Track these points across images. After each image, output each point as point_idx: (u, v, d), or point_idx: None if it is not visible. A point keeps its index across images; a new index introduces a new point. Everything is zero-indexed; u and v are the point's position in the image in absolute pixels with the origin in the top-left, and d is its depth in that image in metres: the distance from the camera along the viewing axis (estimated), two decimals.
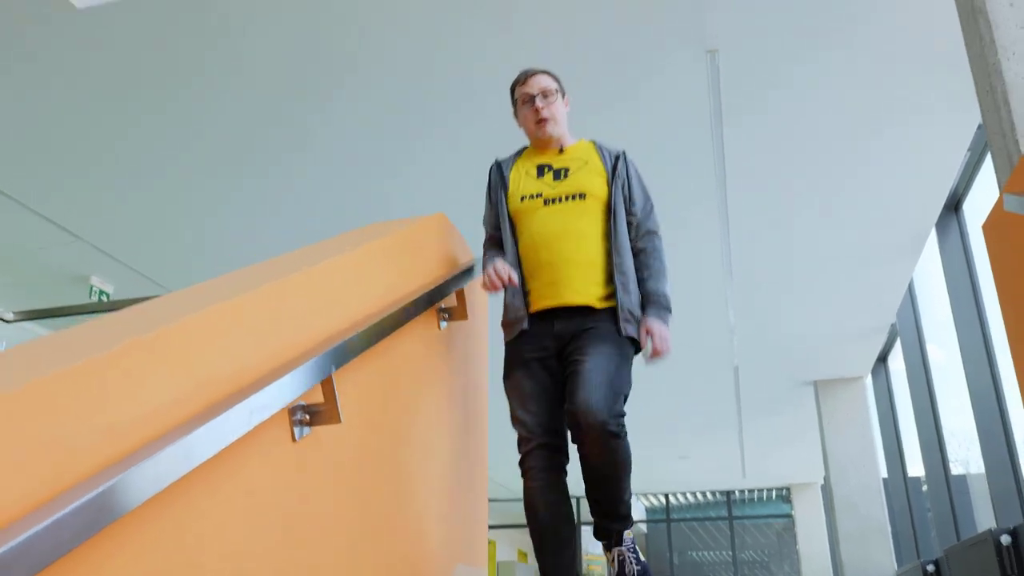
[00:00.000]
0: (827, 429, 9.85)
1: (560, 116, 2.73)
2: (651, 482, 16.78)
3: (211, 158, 5.34)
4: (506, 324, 2.65)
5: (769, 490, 17.98)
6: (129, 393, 1.10)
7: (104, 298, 6.88)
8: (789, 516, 17.57)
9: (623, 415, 2.34)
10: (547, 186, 2.66)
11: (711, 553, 18.72)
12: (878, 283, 7.14)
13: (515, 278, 2.54)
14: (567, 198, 2.61)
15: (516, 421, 2.52)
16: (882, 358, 9.42)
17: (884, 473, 9.77)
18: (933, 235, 6.33)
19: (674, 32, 4.11)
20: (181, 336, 1.24)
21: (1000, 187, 2.72)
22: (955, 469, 7.29)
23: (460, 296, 2.81)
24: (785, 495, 17.69)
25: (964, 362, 5.97)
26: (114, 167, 5.42)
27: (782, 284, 7.15)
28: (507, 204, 2.71)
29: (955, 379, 6.42)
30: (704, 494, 18.35)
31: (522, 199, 2.67)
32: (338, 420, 1.71)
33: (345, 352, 1.78)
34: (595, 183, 2.64)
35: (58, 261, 6.57)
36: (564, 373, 2.48)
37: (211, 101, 4.75)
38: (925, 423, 7.66)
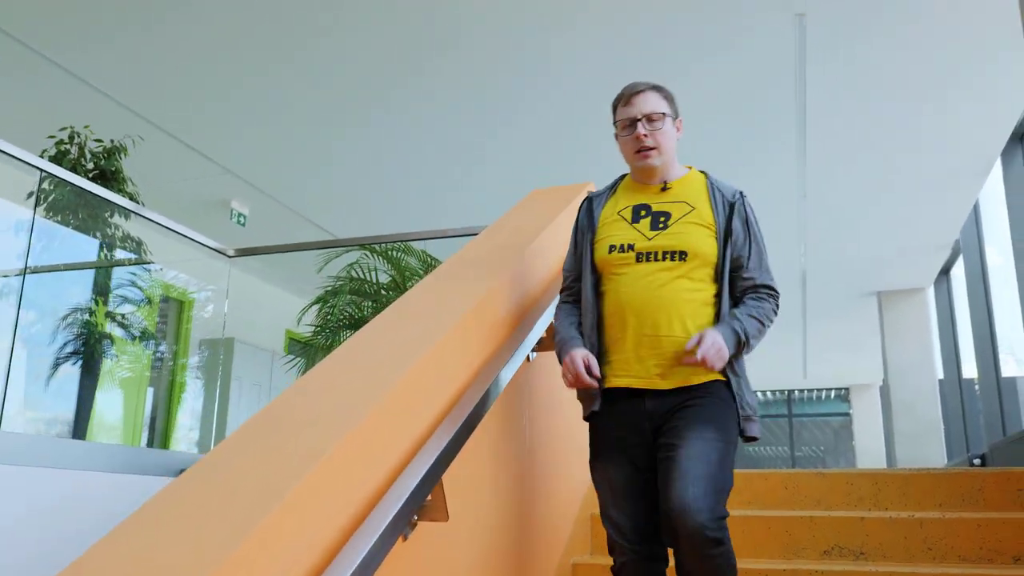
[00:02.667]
0: (888, 336, 10.51)
1: (668, 145, 2.22)
2: None
3: (341, 100, 6.07)
4: (580, 399, 2.26)
5: (828, 390, 18.75)
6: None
7: (242, 220, 7.85)
8: (847, 415, 18.38)
9: (725, 516, 1.94)
10: (642, 236, 2.17)
11: (770, 448, 19.72)
12: (944, 204, 7.66)
13: (596, 375, 2.12)
14: (664, 256, 2.12)
15: (607, 519, 2.12)
16: (945, 271, 9.94)
17: (940, 375, 10.45)
18: (999, 162, 6.82)
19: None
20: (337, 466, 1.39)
21: None
22: (1006, 371, 7.94)
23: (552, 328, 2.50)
24: (844, 395, 18.46)
25: (1018, 276, 6.56)
26: (256, 106, 6.18)
27: (853, 205, 7.72)
28: (593, 252, 2.24)
29: (1011, 291, 7.00)
30: (765, 393, 19.22)
31: (610, 249, 2.19)
32: (446, 518, 1.65)
33: (453, 451, 1.72)
34: (701, 239, 2.14)
35: (206, 189, 7.52)
36: (657, 457, 2.07)
37: (345, 49, 5.42)
38: (980, 329, 8.27)
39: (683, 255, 2.13)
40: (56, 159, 4.41)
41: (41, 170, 3.45)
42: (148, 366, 5.10)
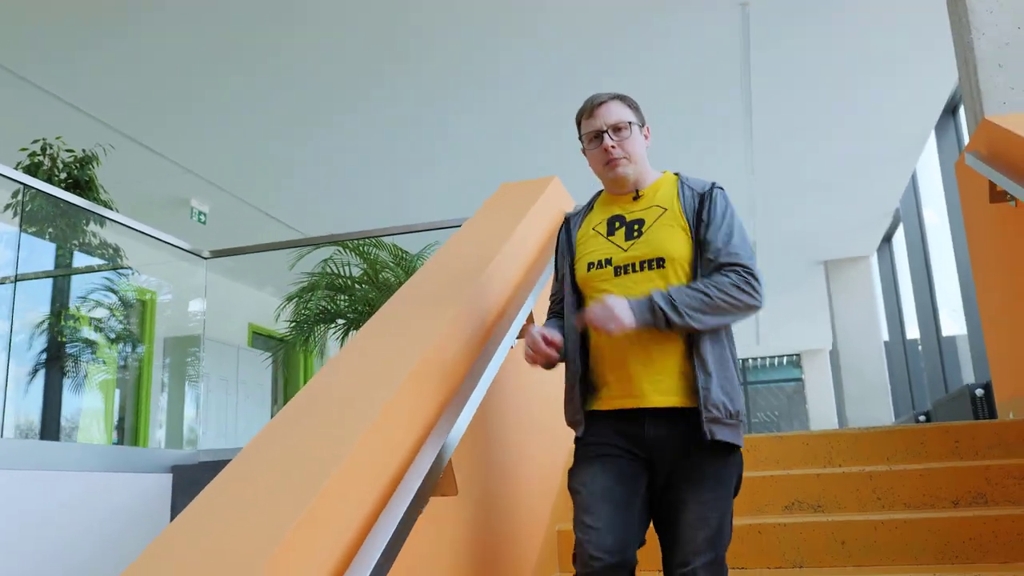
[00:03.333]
0: (835, 303, 10.99)
1: (637, 153, 2.11)
2: None
3: (301, 101, 6.17)
4: (568, 422, 2.14)
5: (781, 357, 19.37)
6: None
7: (202, 218, 7.88)
8: (799, 380, 19.02)
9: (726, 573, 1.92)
10: (618, 248, 2.06)
11: None
12: (884, 176, 8.04)
13: (558, 340, 2.05)
14: (642, 265, 2.01)
15: (579, 527, 1.91)
16: (887, 238, 10.40)
17: (886, 337, 10.97)
18: (933, 135, 7.20)
19: None
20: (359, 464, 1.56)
21: (970, 136, 3.64)
22: (946, 331, 8.40)
23: None
24: (796, 361, 19.10)
25: (953, 240, 6.96)
26: (215, 108, 6.25)
27: (798, 180, 8.06)
28: (573, 273, 2.14)
29: (948, 254, 7.42)
30: None
31: (589, 267, 2.08)
32: (455, 492, 1.84)
33: (460, 435, 1.93)
34: (676, 241, 2.01)
35: (166, 188, 7.53)
36: (657, 501, 1.97)
37: (305, 54, 5.53)
38: (921, 291, 8.72)
39: (660, 262, 1.99)
40: (30, 171, 4.45)
41: (22, 184, 3.51)
42: (126, 367, 5.18)
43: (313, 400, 1.82)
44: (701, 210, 2.04)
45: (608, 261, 2.06)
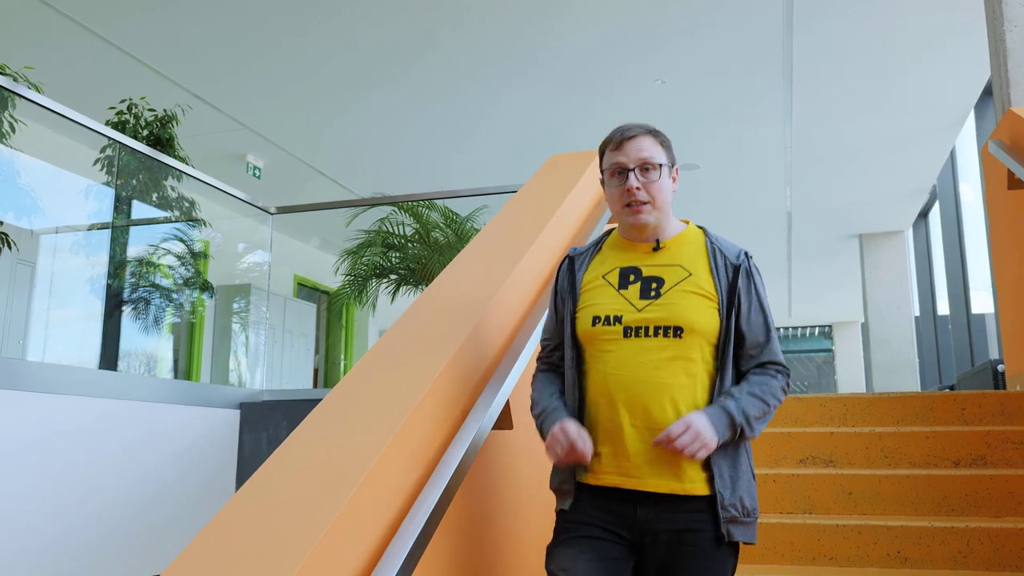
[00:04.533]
0: (868, 276, 11.11)
1: (663, 199, 1.88)
2: None
3: (358, 63, 6.44)
4: (552, 488, 1.92)
5: (813, 327, 19.49)
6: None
7: (257, 173, 8.25)
8: (830, 351, 19.14)
9: None
10: (631, 306, 1.83)
11: None
12: (923, 153, 8.14)
13: (588, 453, 1.75)
14: (656, 331, 1.79)
15: None
16: (923, 214, 10.48)
17: (917, 312, 11.08)
18: (972, 114, 7.29)
19: None
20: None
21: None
22: (975, 308, 8.53)
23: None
24: (827, 332, 19.20)
25: (986, 219, 7.10)
26: (274, 67, 6.55)
27: (837, 154, 8.19)
28: (574, 323, 1.90)
29: (982, 233, 7.55)
30: None
31: (595, 321, 1.85)
32: (511, 426, 2.14)
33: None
34: (700, 312, 1.80)
35: (223, 143, 7.90)
36: None
37: (365, 16, 5.79)
38: (953, 269, 8.84)
39: (678, 331, 1.77)
40: (116, 128, 4.81)
41: (118, 143, 3.88)
42: (193, 312, 5.58)
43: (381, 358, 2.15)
44: (735, 286, 1.82)
45: (618, 319, 1.82)
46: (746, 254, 1.88)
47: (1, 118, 3.58)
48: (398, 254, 5.22)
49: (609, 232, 2.04)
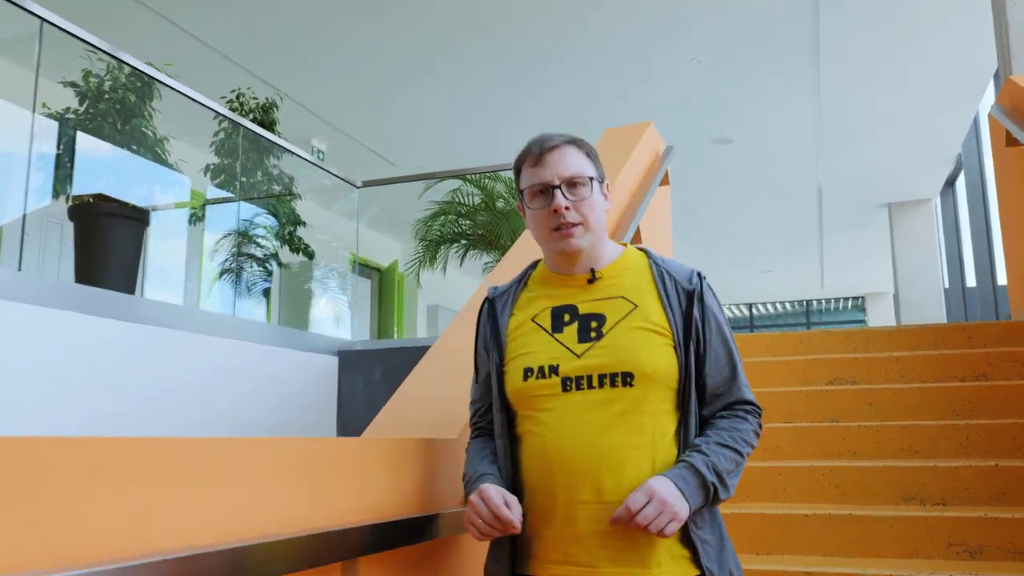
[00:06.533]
0: (898, 246, 11.52)
1: (596, 220, 1.56)
2: (737, 295, 18.86)
3: (411, 51, 7.08)
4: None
5: (845, 299, 19.86)
6: None
7: (320, 155, 8.93)
8: (863, 323, 19.51)
9: None
10: (568, 352, 1.51)
11: None
12: (945, 121, 8.60)
13: (517, 523, 1.42)
14: (602, 380, 1.46)
15: None
16: (950, 182, 10.87)
17: (947, 284, 11.46)
18: (992, 85, 7.74)
19: None
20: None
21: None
22: (1001, 280, 8.93)
23: None
24: (860, 304, 19.56)
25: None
26: (337, 57, 7.22)
27: (864, 124, 8.67)
28: (502, 380, 1.57)
29: None
30: (784, 304, 20.34)
31: (526, 374, 1.51)
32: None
33: None
34: (653, 351, 1.48)
35: (292, 128, 8.58)
36: None
37: (417, 8, 6.42)
38: (979, 240, 9.25)
39: (628, 378, 1.45)
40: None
41: (241, 126, 4.58)
42: (289, 274, 6.25)
43: None
44: (691, 316, 1.51)
45: (554, 369, 1.48)
46: (699, 275, 1.56)
47: (149, 109, 4.25)
48: (468, 222, 5.86)
49: (534, 265, 1.69)
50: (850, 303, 19.97)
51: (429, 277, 6.47)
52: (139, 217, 4.33)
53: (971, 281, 10.41)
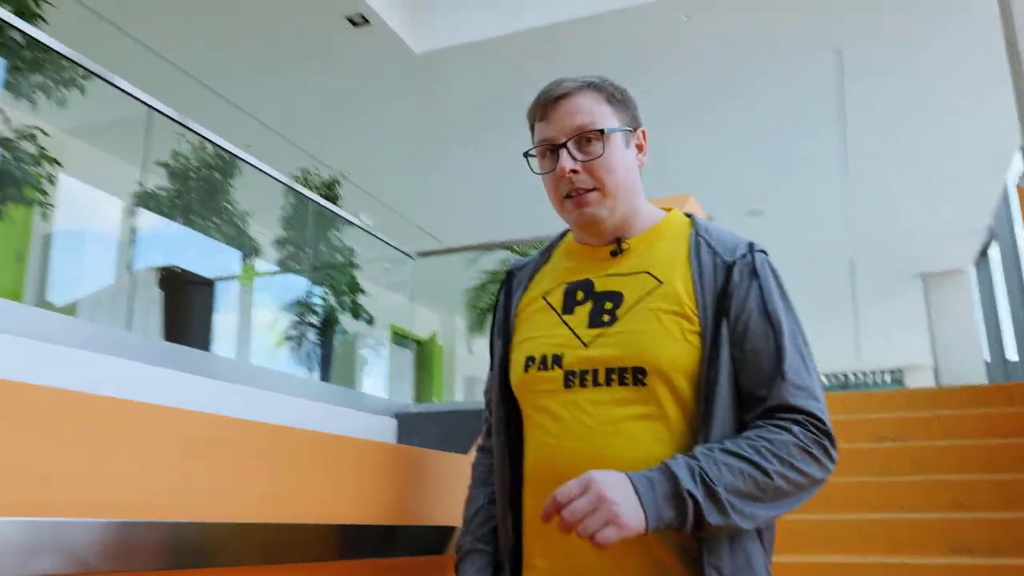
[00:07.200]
0: (934, 316, 11.45)
1: (617, 180, 1.27)
2: None
3: (453, 129, 7.49)
4: None
5: (882, 372, 19.69)
6: None
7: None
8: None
9: None
10: (575, 340, 1.24)
11: None
12: (974, 192, 8.81)
13: None
14: (609, 378, 1.19)
15: None
16: (983, 252, 10.96)
17: (987, 356, 11.29)
18: (1019, 155, 7.98)
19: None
20: None
21: None
22: None
23: None
24: (898, 376, 19.37)
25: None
26: (382, 138, 7.66)
27: (892, 194, 8.91)
28: (505, 368, 1.32)
29: None
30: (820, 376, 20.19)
31: (527, 364, 1.26)
32: None
33: None
34: (668, 340, 1.19)
35: (344, 203, 9.05)
36: None
37: (454, 88, 6.83)
38: (1018, 311, 9.25)
39: (640, 374, 1.17)
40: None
41: (313, 200, 4.99)
42: (343, 341, 6.57)
43: None
44: (728, 294, 1.20)
45: (558, 360, 1.23)
46: (751, 246, 1.26)
47: (230, 185, 4.65)
48: None
49: (563, 234, 1.44)
50: (888, 376, 19.79)
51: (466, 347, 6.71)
52: (212, 284, 4.67)
53: (1012, 354, 10.26)
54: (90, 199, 5.24)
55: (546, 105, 1.28)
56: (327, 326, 5.53)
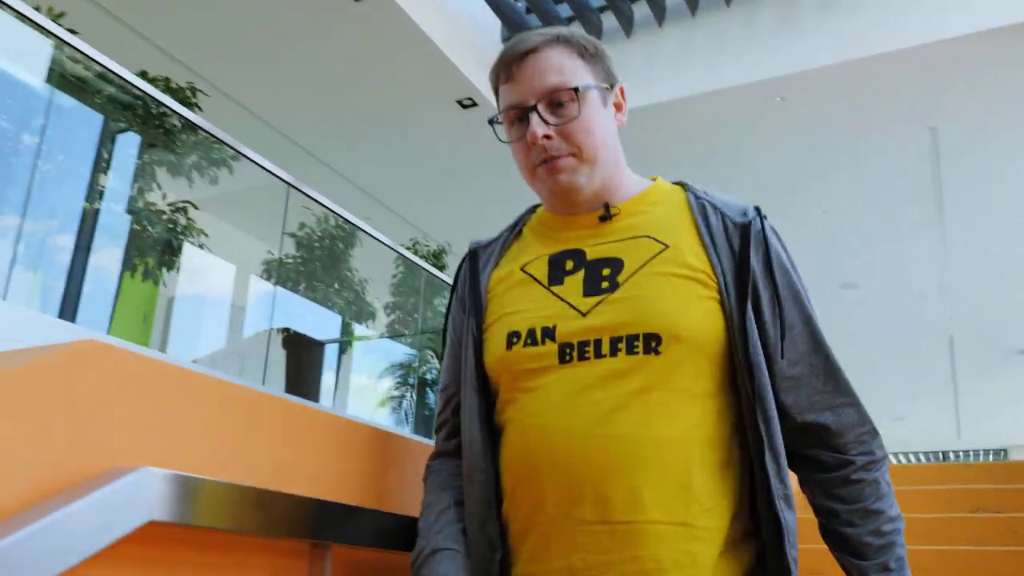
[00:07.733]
0: None
1: (595, 143, 1.12)
2: None
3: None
4: None
5: (985, 451, 18.77)
6: None
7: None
8: None
9: None
10: (570, 309, 1.08)
11: None
12: None
13: None
14: (615, 346, 1.03)
15: None
16: None
17: None
18: None
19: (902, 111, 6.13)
20: None
21: None
22: None
23: None
24: (1002, 457, 18.44)
25: None
26: (483, 212, 8.05)
27: (991, 268, 8.79)
28: (479, 350, 1.13)
29: None
30: (918, 455, 19.38)
31: (510, 341, 1.09)
32: None
33: None
34: (690, 304, 1.05)
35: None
36: None
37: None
38: None
39: (653, 341, 1.02)
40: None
41: (427, 271, 5.49)
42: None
43: None
44: (746, 260, 1.07)
45: (549, 333, 1.07)
46: (758, 210, 1.13)
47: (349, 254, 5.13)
48: None
49: (532, 209, 1.29)
50: (991, 456, 18.85)
51: None
52: (323, 344, 5.13)
53: None
54: (214, 266, 5.81)
55: (511, 64, 1.11)
56: (425, 386, 5.93)
